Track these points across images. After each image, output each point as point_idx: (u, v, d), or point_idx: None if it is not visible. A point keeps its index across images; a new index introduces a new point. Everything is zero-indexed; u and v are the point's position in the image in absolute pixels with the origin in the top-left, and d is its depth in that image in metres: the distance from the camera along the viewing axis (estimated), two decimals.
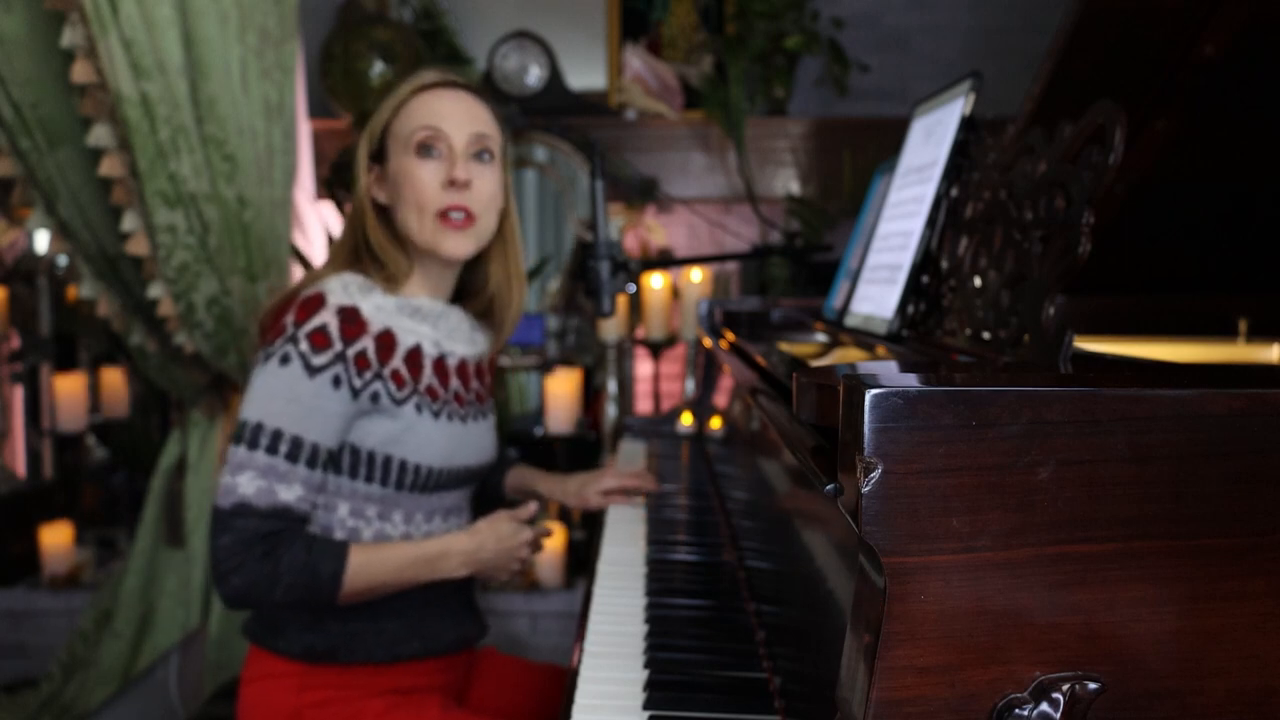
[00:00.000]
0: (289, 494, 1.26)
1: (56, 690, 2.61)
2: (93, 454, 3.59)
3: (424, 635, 1.38)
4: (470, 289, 1.48)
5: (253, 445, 1.25)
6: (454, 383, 1.41)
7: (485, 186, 1.38)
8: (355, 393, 1.30)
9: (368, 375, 1.31)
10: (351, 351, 1.30)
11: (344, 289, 1.33)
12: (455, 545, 1.33)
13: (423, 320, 1.39)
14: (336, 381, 1.28)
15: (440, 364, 1.40)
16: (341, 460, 1.33)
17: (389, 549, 1.30)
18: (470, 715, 1.37)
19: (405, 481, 1.35)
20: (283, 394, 1.27)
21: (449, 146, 1.36)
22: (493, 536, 1.35)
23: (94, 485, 3.53)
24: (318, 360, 1.28)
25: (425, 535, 1.40)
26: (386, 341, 1.34)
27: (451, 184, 1.35)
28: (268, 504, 1.24)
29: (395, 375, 1.33)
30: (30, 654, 2.95)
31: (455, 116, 1.37)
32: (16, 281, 3.41)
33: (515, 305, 1.49)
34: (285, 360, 1.28)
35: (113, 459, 3.57)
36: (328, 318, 1.30)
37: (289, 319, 1.30)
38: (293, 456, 1.26)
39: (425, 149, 1.35)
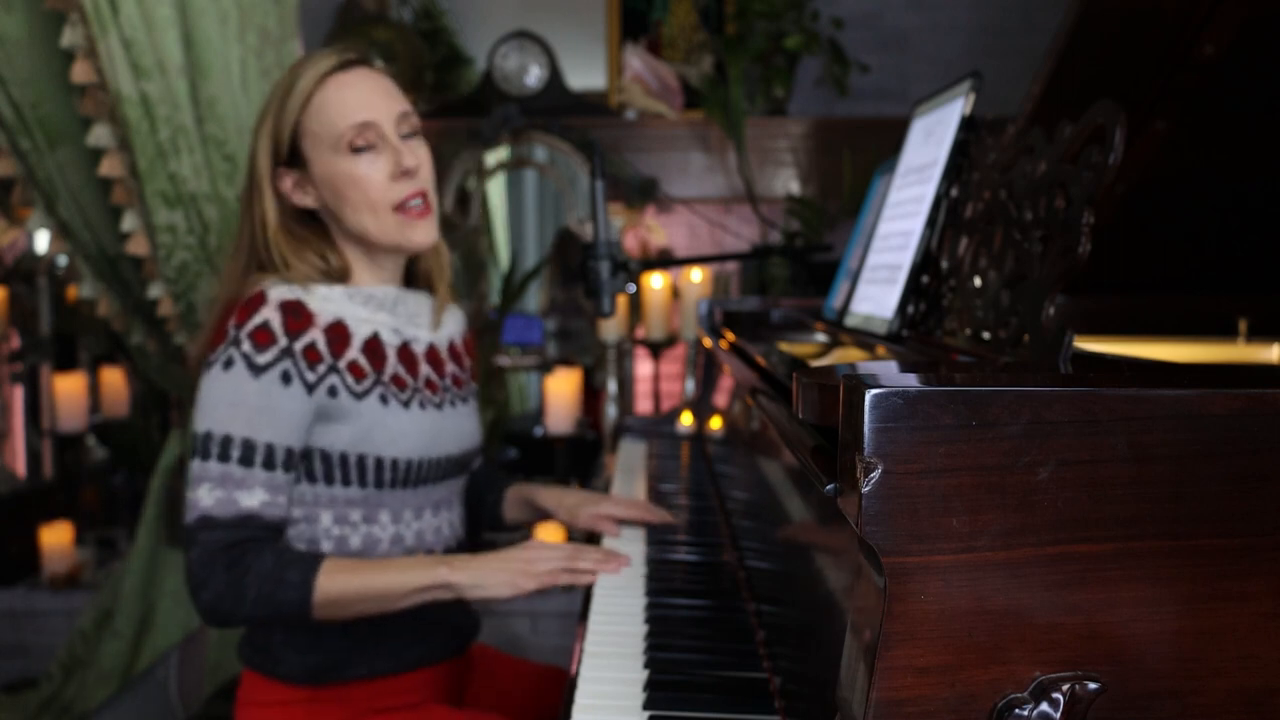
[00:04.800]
0: (250, 500, 1.21)
1: (56, 690, 2.61)
2: (93, 454, 3.58)
3: (425, 640, 1.36)
4: (409, 269, 1.43)
5: (205, 455, 1.21)
6: (424, 369, 1.36)
7: (426, 163, 1.34)
8: (309, 387, 1.25)
9: (320, 368, 1.25)
10: (299, 345, 1.24)
11: (288, 286, 1.29)
12: (454, 578, 1.21)
13: (378, 308, 1.34)
14: (285, 377, 1.23)
15: (406, 351, 1.34)
16: (314, 468, 1.28)
17: (366, 569, 1.21)
18: (474, 715, 1.36)
19: (384, 479, 1.30)
20: (228, 398, 1.22)
21: (381, 135, 1.28)
22: (499, 559, 1.22)
23: (94, 485, 3.53)
24: (261, 359, 1.23)
25: (416, 533, 1.35)
26: (339, 333, 1.28)
27: (405, 174, 1.29)
28: (230, 513, 1.20)
29: (353, 367, 1.28)
30: (30, 654, 2.95)
31: (377, 102, 1.29)
32: (16, 281, 3.41)
33: (443, 261, 1.44)
34: (228, 364, 1.23)
35: (113, 459, 3.57)
36: (269, 314, 1.24)
37: (231, 323, 1.25)
38: (246, 461, 1.21)
39: (360, 146, 1.28)
